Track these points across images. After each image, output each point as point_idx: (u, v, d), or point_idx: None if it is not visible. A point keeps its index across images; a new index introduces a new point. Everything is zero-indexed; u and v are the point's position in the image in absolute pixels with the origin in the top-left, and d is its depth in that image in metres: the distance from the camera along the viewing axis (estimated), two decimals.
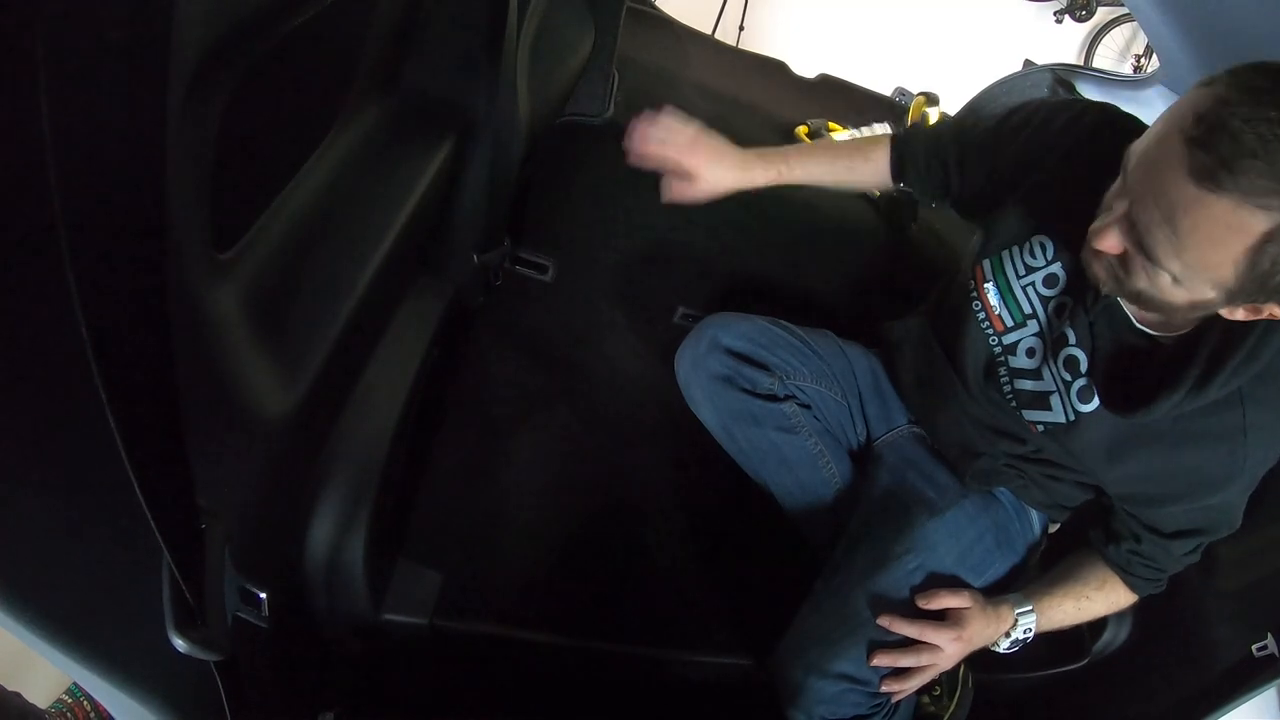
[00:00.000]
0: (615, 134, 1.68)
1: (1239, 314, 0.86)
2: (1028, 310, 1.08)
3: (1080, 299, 1.02)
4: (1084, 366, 1.02)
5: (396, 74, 1.08)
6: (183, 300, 0.63)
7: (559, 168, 1.64)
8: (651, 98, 1.77)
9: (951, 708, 1.30)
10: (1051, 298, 1.06)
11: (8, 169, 0.40)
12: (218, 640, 0.56)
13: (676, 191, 1.24)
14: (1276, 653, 1.07)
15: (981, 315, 1.12)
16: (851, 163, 1.33)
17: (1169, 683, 1.31)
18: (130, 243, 0.38)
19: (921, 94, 2.16)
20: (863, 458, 1.35)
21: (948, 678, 1.32)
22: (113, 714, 0.70)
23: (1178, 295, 0.85)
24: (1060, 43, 4.39)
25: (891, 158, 1.30)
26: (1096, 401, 1.01)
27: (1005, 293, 1.10)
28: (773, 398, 1.28)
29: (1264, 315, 0.85)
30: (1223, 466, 0.99)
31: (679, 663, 1.29)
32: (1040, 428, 1.08)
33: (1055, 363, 1.05)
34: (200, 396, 0.66)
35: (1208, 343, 0.93)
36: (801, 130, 1.87)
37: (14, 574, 0.51)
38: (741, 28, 3.26)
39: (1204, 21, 1.25)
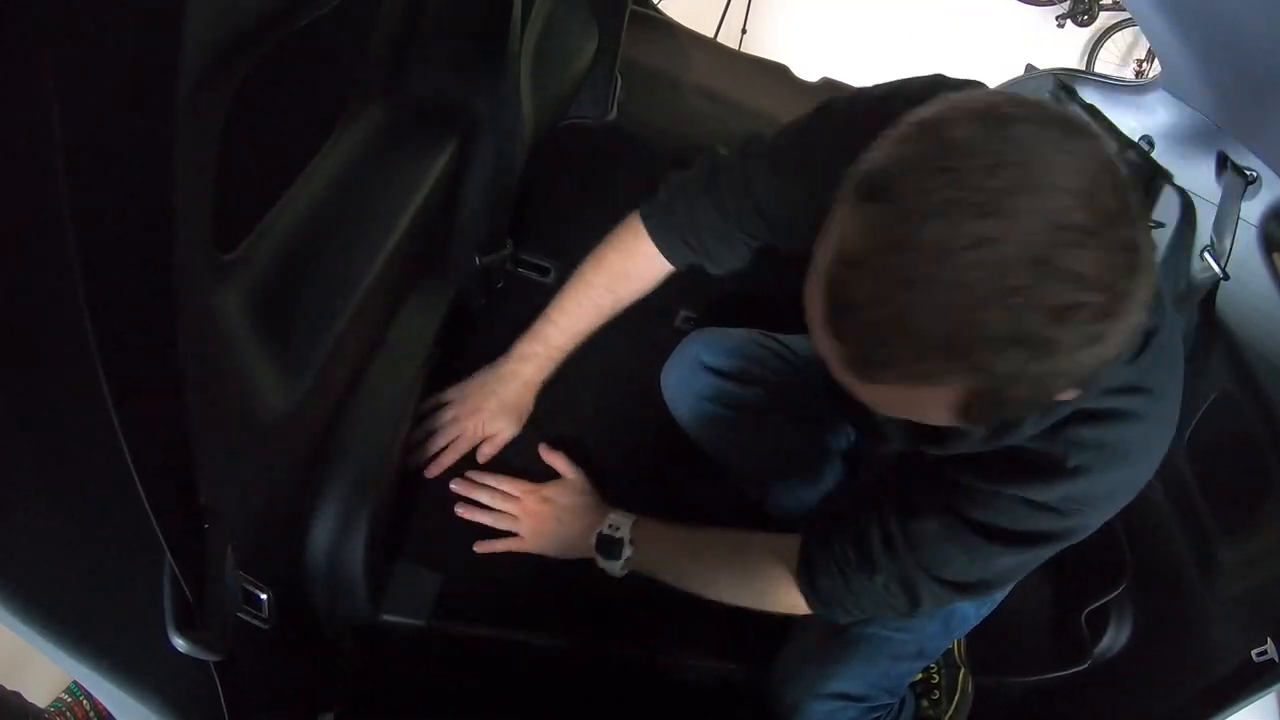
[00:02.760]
0: (618, 137, 1.69)
1: None
2: None
3: None
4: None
5: (400, 76, 1.08)
6: (186, 300, 0.63)
7: (562, 170, 1.64)
8: (654, 100, 1.78)
9: (950, 712, 1.30)
10: None
11: (18, 169, 0.40)
12: (218, 640, 0.56)
13: (490, 449, 1.23)
14: (1276, 658, 1.07)
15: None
16: (613, 289, 1.18)
17: (1169, 687, 1.31)
18: (138, 243, 0.38)
19: None
20: (853, 456, 1.35)
21: (947, 682, 1.32)
22: (112, 713, 0.70)
23: None
24: (1062, 47, 4.39)
25: (658, 244, 1.13)
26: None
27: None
28: (759, 410, 1.27)
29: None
30: (1038, 516, 0.83)
31: (678, 666, 1.29)
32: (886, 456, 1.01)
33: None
34: (203, 396, 0.66)
35: None
36: None
37: (15, 572, 0.51)
38: (744, 31, 3.27)
39: (1205, 26, 1.25)
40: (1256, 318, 1.29)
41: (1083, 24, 4.42)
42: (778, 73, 2.16)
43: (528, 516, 1.17)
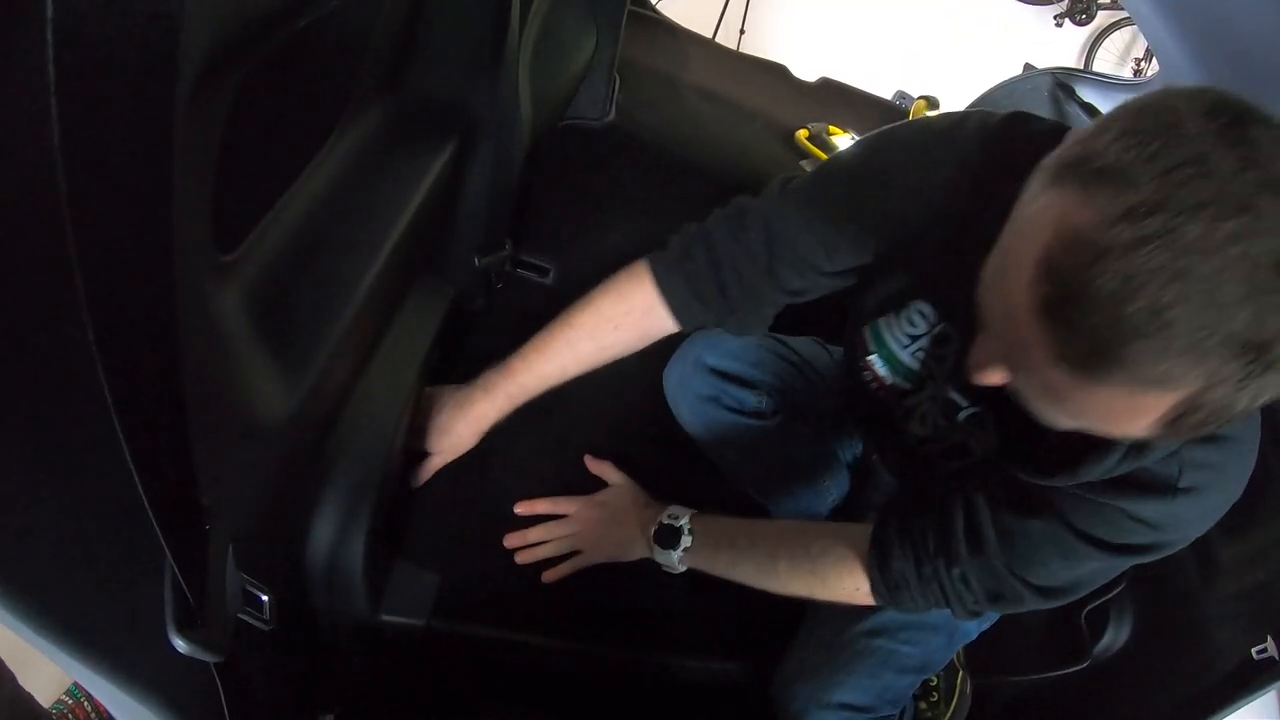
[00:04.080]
0: (617, 137, 1.69)
1: None
2: (914, 367, 0.96)
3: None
4: (990, 423, 0.91)
5: (399, 76, 1.08)
6: (186, 301, 0.63)
7: (561, 171, 1.64)
8: (652, 101, 1.78)
9: (948, 714, 1.30)
10: (945, 355, 0.92)
11: (16, 170, 0.40)
12: (219, 641, 0.56)
13: (423, 472, 1.16)
14: (1276, 656, 1.07)
15: (875, 385, 1.00)
16: (595, 337, 1.09)
17: (1168, 685, 1.31)
18: (138, 244, 0.38)
19: (922, 97, 2.16)
20: (859, 469, 1.35)
21: (945, 683, 1.32)
22: (113, 714, 0.70)
23: None
24: (1060, 46, 4.40)
25: (664, 294, 1.04)
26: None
27: (892, 363, 0.97)
28: (761, 414, 1.27)
29: None
30: (1137, 530, 0.83)
31: (676, 666, 1.29)
32: (956, 466, 0.98)
33: (956, 420, 0.94)
34: (203, 397, 0.66)
35: None
36: (802, 134, 1.87)
37: (16, 572, 0.51)
38: (742, 31, 3.26)
39: (1203, 25, 1.25)
40: None
41: (1081, 23, 4.42)
42: (776, 72, 2.16)
43: (585, 527, 1.17)
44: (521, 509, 1.20)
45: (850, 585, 1.00)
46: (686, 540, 1.12)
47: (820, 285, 0.99)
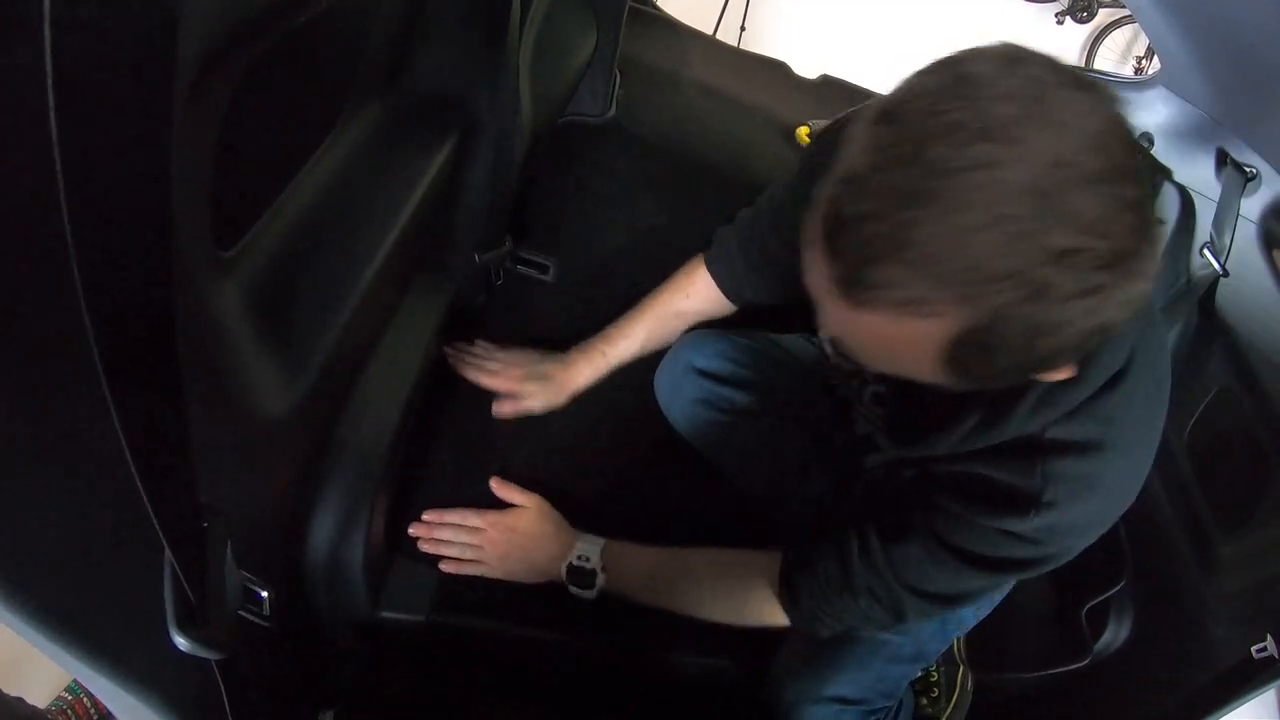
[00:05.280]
0: (617, 134, 1.69)
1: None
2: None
3: None
4: (886, 396, 0.96)
5: (399, 73, 1.08)
6: (185, 298, 0.63)
7: (561, 168, 1.64)
8: (653, 97, 1.78)
9: (949, 710, 1.30)
10: None
11: (14, 167, 0.40)
12: (219, 639, 0.56)
13: (510, 408, 1.28)
14: (1276, 654, 1.07)
15: (826, 364, 1.08)
16: (674, 306, 1.27)
17: (1168, 684, 1.31)
18: (137, 241, 0.38)
19: None
20: (854, 462, 1.35)
21: (946, 679, 1.32)
22: (113, 711, 0.70)
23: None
24: (1061, 45, 4.39)
25: (712, 272, 1.22)
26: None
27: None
28: (751, 413, 1.27)
29: (1057, 375, 0.67)
30: (1015, 545, 0.82)
31: (676, 662, 1.29)
32: (879, 470, 1.03)
33: (862, 403, 1.01)
34: (203, 393, 0.66)
35: None
36: (803, 131, 1.87)
37: (15, 570, 0.51)
38: (743, 28, 3.26)
39: (1205, 23, 1.25)
40: (1256, 315, 1.29)
41: (1082, 21, 4.41)
42: (777, 69, 2.16)
43: (492, 546, 1.17)
44: (430, 516, 1.19)
45: (769, 617, 1.05)
46: (600, 579, 1.13)
47: None
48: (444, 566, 1.18)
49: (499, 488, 1.24)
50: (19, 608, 0.51)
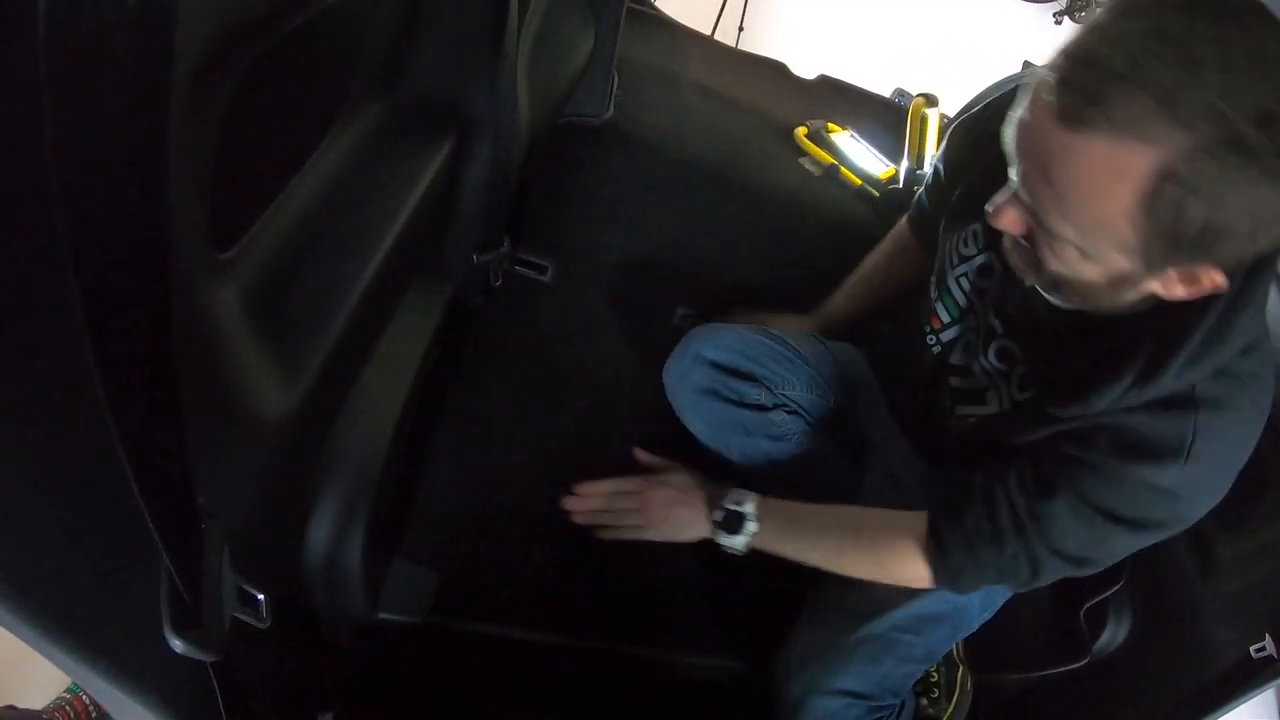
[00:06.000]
0: (615, 135, 1.69)
1: (1177, 289, 0.75)
2: (962, 304, 1.05)
3: (1009, 288, 0.95)
4: (1019, 354, 0.97)
5: (397, 73, 1.08)
6: (182, 299, 0.63)
7: (559, 168, 1.64)
8: (651, 98, 1.78)
9: (949, 710, 1.30)
10: (986, 289, 1.01)
11: (9, 168, 0.40)
12: (215, 641, 0.56)
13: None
14: (1275, 654, 1.07)
15: (925, 309, 1.10)
16: (888, 269, 1.39)
17: (1167, 683, 1.31)
18: (132, 243, 0.38)
19: (921, 95, 2.15)
20: (860, 459, 1.35)
21: (946, 679, 1.32)
22: (111, 712, 0.70)
23: (1090, 271, 0.76)
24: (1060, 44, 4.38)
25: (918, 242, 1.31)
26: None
27: (940, 287, 1.07)
28: (761, 407, 1.27)
29: (1205, 286, 0.73)
30: (1156, 501, 0.87)
31: (675, 663, 1.29)
32: (972, 419, 1.05)
33: (986, 356, 1.01)
34: (200, 395, 0.66)
35: (1158, 323, 0.80)
36: (801, 131, 1.87)
37: (11, 572, 0.51)
38: (741, 29, 3.26)
39: None
40: None
41: (1080, 21, 4.42)
42: (775, 70, 2.16)
43: (650, 506, 1.19)
44: (583, 488, 1.22)
45: (911, 574, 1.05)
46: (752, 526, 1.13)
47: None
48: (601, 535, 1.20)
49: (641, 454, 1.28)
50: (16, 610, 0.51)
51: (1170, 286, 0.75)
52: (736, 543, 1.15)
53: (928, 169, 1.31)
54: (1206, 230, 0.67)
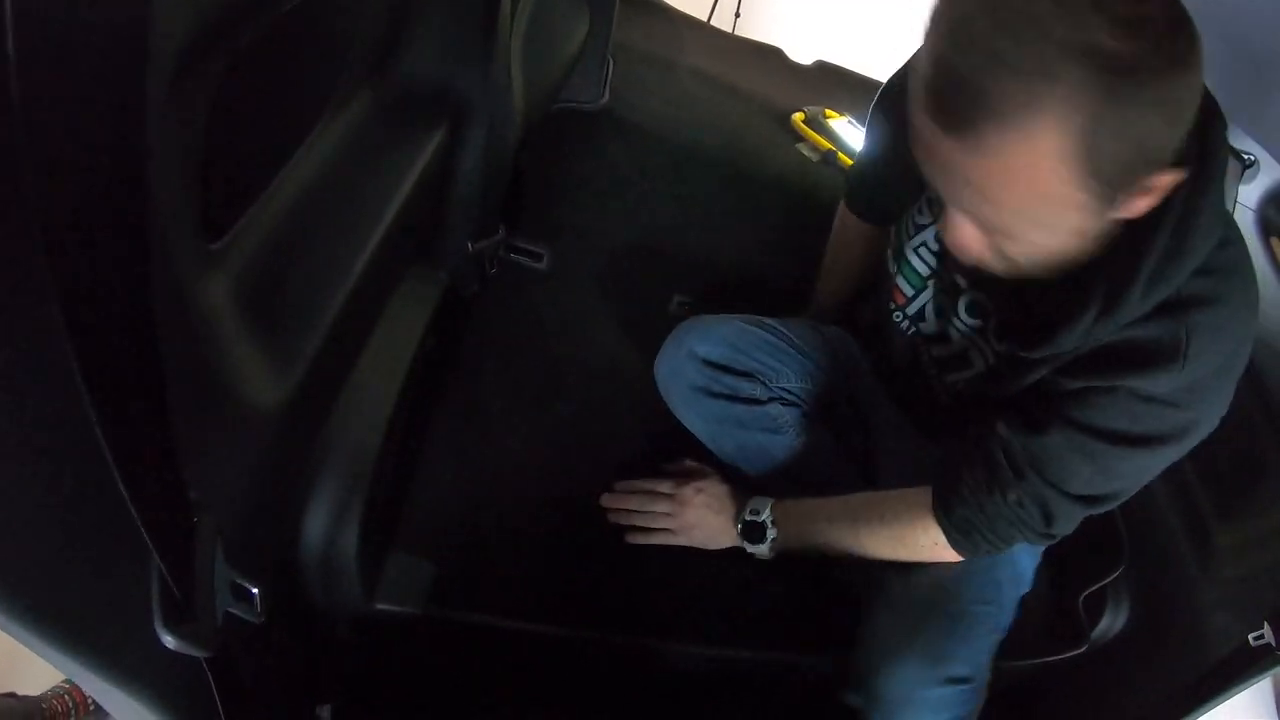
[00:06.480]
0: (611, 121, 1.68)
1: (1139, 205, 0.73)
2: (924, 272, 1.05)
3: None
4: (989, 305, 0.97)
5: (389, 60, 1.07)
6: (172, 291, 0.62)
7: (554, 155, 1.63)
8: (647, 84, 1.77)
9: None
10: (942, 252, 1.00)
11: None
12: (207, 636, 0.56)
13: None
14: (1273, 642, 1.07)
15: (887, 286, 1.11)
16: (850, 253, 1.38)
17: (1165, 671, 1.31)
18: (110, 234, 0.37)
19: None
20: (864, 443, 1.34)
21: None
22: (106, 708, 0.70)
23: (1054, 240, 0.76)
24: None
25: (853, 210, 1.32)
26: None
27: (899, 260, 1.07)
28: (755, 401, 1.26)
29: (1164, 186, 0.72)
30: (1159, 414, 0.85)
31: (673, 654, 1.29)
32: (960, 384, 1.05)
33: (959, 316, 1.01)
34: (192, 388, 0.65)
35: (1115, 250, 0.79)
36: (798, 117, 1.86)
37: (3, 569, 0.50)
38: (738, 14, 3.23)
39: (1202, 9, 1.24)
40: None
41: None
42: (772, 56, 2.15)
43: (683, 509, 1.21)
44: (620, 486, 1.25)
45: (928, 541, 1.04)
46: (771, 533, 1.16)
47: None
48: (630, 538, 1.22)
49: (674, 467, 1.28)
50: (7, 607, 0.51)
51: (1131, 207, 0.74)
52: (761, 550, 1.17)
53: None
54: (1135, 149, 0.68)
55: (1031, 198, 0.71)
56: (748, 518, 1.17)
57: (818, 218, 1.74)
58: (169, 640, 0.54)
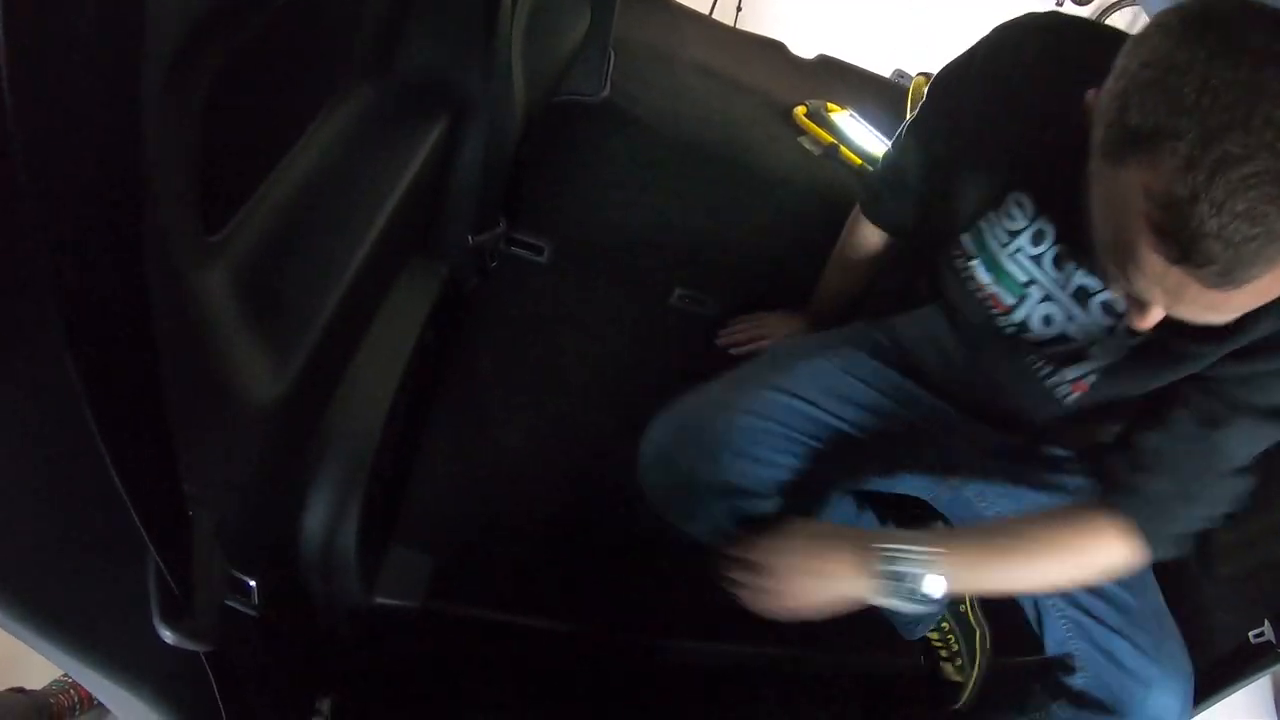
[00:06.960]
0: (612, 114, 1.67)
1: None
2: (1022, 279, 0.98)
3: (1081, 243, 0.90)
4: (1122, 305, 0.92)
5: (390, 52, 1.06)
6: (171, 283, 0.62)
7: (554, 148, 1.62)
8: (648, 77, 1.76)
9: (975, 674, 1.30)
10: (1044, 253, 0.96)
11: None
12: (205, 631, 0.55)
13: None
14: (1273, 640, 1.07)
15: (980, 296, 1.03)
16: (848, 252, 1.36)
17: None
18: (106, 228, 0.36)
19: (920, 75, 2.14)
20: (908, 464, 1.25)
21: (965, 647, 1.32)
22: (105, 704, 0.70)
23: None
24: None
25: (868, 215, 1.26)
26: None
27: (994, 268, 1.00)
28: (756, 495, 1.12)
29: None
30: None
31: (673, 648, 1.29)
32: (1081, 379, 1.00)
33: (1086, 312, 0.96)
34: (190, 381, 0.65)
35: None
36: (800, 111, 1.85)
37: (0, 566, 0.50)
38: (739, 8, 3.23)
39: None
40: None
41: (1081, 3, 4.38)
42: (773, 50, 2.14)
43: (781, 585, 0.99)
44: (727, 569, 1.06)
45: (1119, 558, 0.96)
46: (932, 582, 0.93)
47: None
48: (755, 608, 1.03)
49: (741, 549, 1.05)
50: (4, 605, 0.51)
51: None
52: (921, 610, 0.97)
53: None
54: None
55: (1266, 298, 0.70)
56: (885, 569, 0.93)
57: (820, 212, 1.73)
58: (167, 635, 0.54)
